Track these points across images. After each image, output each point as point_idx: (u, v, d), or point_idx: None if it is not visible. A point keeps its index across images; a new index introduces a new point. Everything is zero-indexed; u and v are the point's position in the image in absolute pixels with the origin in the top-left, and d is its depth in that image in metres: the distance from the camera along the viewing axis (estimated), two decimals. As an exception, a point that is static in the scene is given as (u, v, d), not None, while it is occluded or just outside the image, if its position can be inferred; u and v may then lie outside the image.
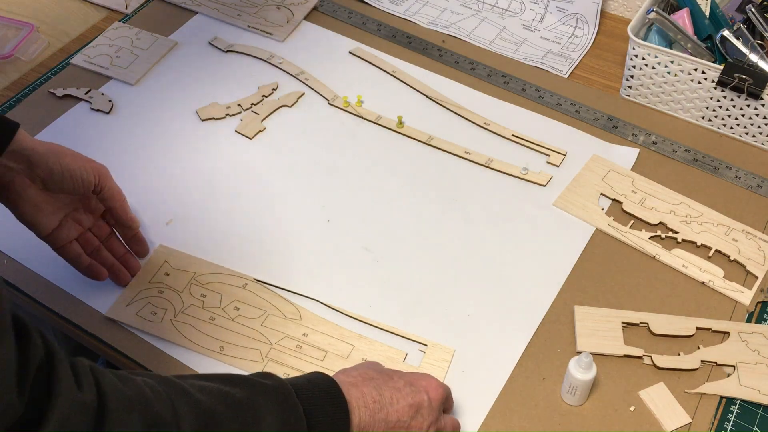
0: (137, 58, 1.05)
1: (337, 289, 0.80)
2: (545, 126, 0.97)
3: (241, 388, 0.56)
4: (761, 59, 0.90)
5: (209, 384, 0.56)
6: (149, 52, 1.06)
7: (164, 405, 0.51)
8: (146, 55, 1.06)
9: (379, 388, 0.63)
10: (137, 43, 1.08)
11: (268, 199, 0.89)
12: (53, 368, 0.46)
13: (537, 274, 0.82)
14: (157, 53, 1.06)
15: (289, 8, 1.13)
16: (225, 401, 0.54)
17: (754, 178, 0.91)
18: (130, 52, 1.06)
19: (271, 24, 1.11)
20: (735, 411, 0.72)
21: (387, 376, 0.65)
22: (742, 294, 0.80)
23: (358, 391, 0.62)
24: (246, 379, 0.58)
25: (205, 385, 0.55)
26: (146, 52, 1.06)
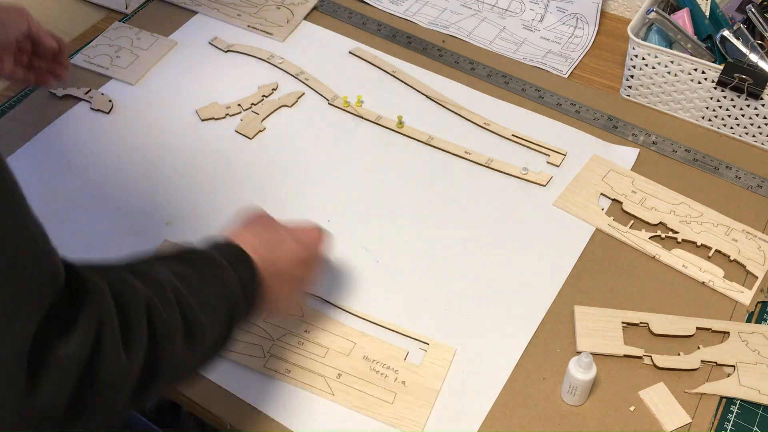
0: (137, 58, 1.05)
1: (337, 288, 0.80)
2: (545, 126, 0.97)
3: (187, 266, 0.57)
4: (761, 59, 0.90)
5: (163, 268, 0.56)
6: (149, 52, 1.06)
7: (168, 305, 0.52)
8: (146, 55, 1.06)
9: (271, 250, 0.64)
10: (137, 43, 1.08)
11: (268, 199, 0.89)
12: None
13: (537, 274, 0.82)
14: (157, 53, 1.06)
15: (289, 8, 1.13)
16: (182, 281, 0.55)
17: (754, 178, 0.91)
18: (130, 52, 1.06)
19: (271, 24, 1.11)
20: (735, 411, 0.72)
21: (274, 232, 0.66)
22: (742, 294, 0.80)
23: (255, 253, 0.63)
24: (180, 256, 0.59)
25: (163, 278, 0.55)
26: (146, 52, 1.06)
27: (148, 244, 0.83)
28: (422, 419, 0.70)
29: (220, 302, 0.57)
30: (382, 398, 0.72)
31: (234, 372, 0.74)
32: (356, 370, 0.74)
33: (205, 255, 0.59)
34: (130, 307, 0.48)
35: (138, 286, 0.50)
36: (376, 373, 0.73)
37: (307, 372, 0.73)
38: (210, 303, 0.56)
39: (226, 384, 0.73)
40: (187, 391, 0.73)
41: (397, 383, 0.73)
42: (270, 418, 0.71)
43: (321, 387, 0.72)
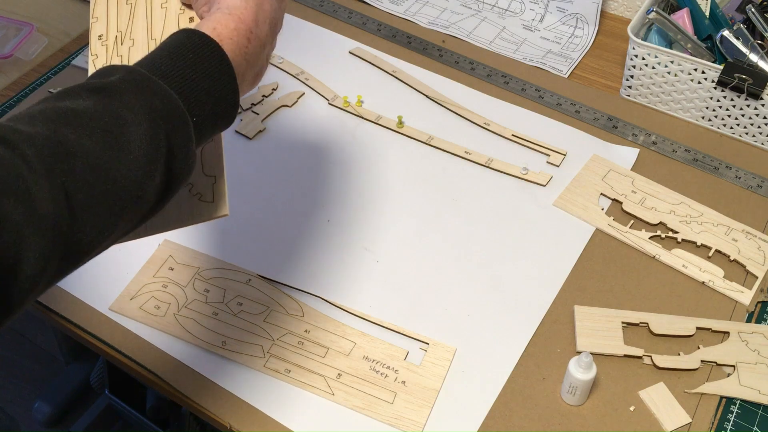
0: (137, 58, 1.05)
1: (338, 288, 0.80)
2: (545, 126, 0.97)
3: (85, 98, 0.48)
4: (761, 59, 0.90)
5: (42, 107, 0.47)
6: (149, 52, 1.06)
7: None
8: (146, 55, 1.06)
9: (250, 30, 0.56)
10: (137, 43, 1.08)
11: (268, 199, 0.89)
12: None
13: (537, 274, 0.82)
14: (157, 53, 1.06)
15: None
16: (70, 121, 0.46)
17: (754, 178, 0.91)
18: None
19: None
20: (735, 411, 0.72)
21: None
22: (742, 294, 0.80)
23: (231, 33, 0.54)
24: (86, 85, 0.49)
25: (35, 111, 0.46)
26: (146, 52, 1.06)
27: (148, 243, 0.83)
28: (422, 419, 0.70)
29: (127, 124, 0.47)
30: (382, 398, 0.72)
31: (234, 372, 0.74)
32: (356, 370, 0.74)
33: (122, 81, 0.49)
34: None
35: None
36: (376, 373, 0.73)
37: (307, 372, 0.74)
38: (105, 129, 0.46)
39: (226, 384, 0.73)
40: (187, 391, 0.73)
41: (397, 383, 0.73)
42: (270, 418, 0.71)
43: (321, 387, 0.73)
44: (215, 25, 0.54)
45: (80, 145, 0.45)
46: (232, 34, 0.54)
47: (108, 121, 0.46)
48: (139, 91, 0.48)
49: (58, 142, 0.44)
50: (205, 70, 0.51)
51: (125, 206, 0.47)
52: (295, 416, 0.71)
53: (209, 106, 0.52)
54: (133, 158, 0.46)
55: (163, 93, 0.49)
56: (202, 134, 0.53)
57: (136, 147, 0.47)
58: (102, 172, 0.45)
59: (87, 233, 0.45)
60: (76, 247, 0.45)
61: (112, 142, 0.46)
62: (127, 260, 0.82)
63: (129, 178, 0.46)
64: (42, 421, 1.33)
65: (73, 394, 1.34)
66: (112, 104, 0.47)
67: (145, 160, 0.47)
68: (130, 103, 0.47)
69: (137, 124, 0.47)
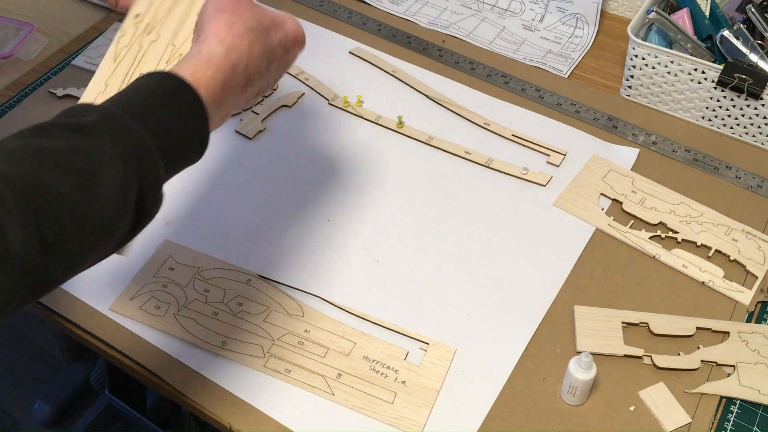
0: (137, 58, 1.05)
1: (337, 288, 0.80)
2: (545, 126, 0.97)
3: (62, 137, 0.48)
4: (761, 59, 0.90)
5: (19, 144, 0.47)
6: (149, 52, 1.06)
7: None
8: (146, 55, 1.06)
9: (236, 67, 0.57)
10: (137, 43, 1.08)
11: (268, 199, 0.89)
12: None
13: (537, 274, 0.82)
14: (157, 53, 1.06)
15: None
16: (46, 161, 0.46)
17: (754, 178, 0.91)
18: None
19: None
20: (735, 411, 0.72)
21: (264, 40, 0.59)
22: (742, 294, 0.80)
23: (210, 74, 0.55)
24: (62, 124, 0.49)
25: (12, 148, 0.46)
26: (146, 52, 1.06)
27: (148, 243, 0.83)
28: (422, 419, 0.70)
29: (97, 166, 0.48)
30: (382, 398, 0.72)
31: (234, 372, 0.74)
32: (356, 370, 0.74)
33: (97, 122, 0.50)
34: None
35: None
36: (376, 373, 0.73)
37: (307, 372, 0.74)
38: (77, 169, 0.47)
39: (226, 384, 0.73)
40: (187, 391, 0.73)
41: (397, 383, 0.73)
42: (270, 418, 0.71)
43: (321, 387, 0.73)
44: (194, 71, 0.55)
45: (55, 186, 0.45)
46: (209, 82, 0.55)
47: (83, 163, 0.47)
48: (115, 135, 0.49)
49: (33, 183, 0.45)
50: (179, 115, 0.53)
51: (95, 245, 0.48)
52: (295, 416, 0.71)
53: (180, 149, 0.54)
54: (105, 201, 0.48)
55: (137, 138, 0.50)
56: (170, 173, 0.55)
57: (108, 190, 0.48)
58: (75, 214, 0.46)
59: (56, 270, 0.46)
60: (45, 283, 0.46)
61: (86, 185, 0.47)
62: (127, 260, 0.82)
63: (100, 220, 0.48)
64: (42, 421, 1.33)
65: (73, 394, 1.34)
66: (88, 146, 0.48)
67: (117, 203, 0.48)
68: (106, 146, 0.48)
69: (111, 168, 0.48)
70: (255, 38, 0.59)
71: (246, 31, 0.58)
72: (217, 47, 0.56)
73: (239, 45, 0.57)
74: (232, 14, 0.58)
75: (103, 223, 0.48)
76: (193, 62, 0.55)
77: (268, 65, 0.61)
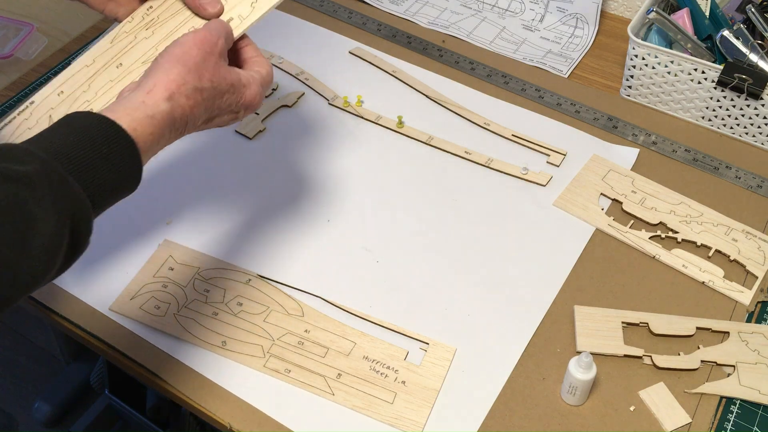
0: (137, 58, 1.05)
1: (337, 288, 0.80)
2: (545, 126, 0.97)
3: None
4: (761, 59, 0.90)
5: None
6: (149, 52, 1.06)
7: None
8: (146, 55, 1.06)
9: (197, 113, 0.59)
10: (137, 43, 1.08)
11: (268, 199, 0.89)
12: None
13: (537, 274, 0.82)
14: (157, 53, 1.06)
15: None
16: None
17: (754, 178, 0.91)
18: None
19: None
20: (735, 411, 0.72)
21: (213, 101, 0.61)
22: (742, 294, 0.80)
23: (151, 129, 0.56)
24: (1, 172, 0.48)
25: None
26: (146, 52, 1.06)
27: (148, 244, 0.83)
28: (422, 419, 0.70)
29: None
30: (382, 398, 0.72)
31: (234, 372, 0.74)
32: (356, 370, 0.74)
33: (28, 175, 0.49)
34: None
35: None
36: (376, 373, 0.73)
37: (307, 372, 0.74)
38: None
39: (225, 384, 0.73)
40: (187, 391, 0.73)
41: (397, 383, 0.73)
42: (270, 418, 0.71)
43: (321, 387, 0.73)
44: (136, 126, 0.55)
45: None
46: (147, 138, 0.56)
47: (17, 216, 0.47)
48: (52, 188, 0.49)
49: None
50: (114, 165, 0.53)
51: (20, 296, 0.48)
52: (295, 416, 0.71)
53: (113, 197, 0.55)
54: (35, 255, 0.47)
55: (73, 192, 0.50)
56: (100, 213, 0.55)
57: (39, 244, 0.47)
58: (5, 269, 0.46)
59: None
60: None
61: (18, 239, 0.46)
62: (127, 260, 0.82)
63: (29, 274, 0.47)
64: (42, 421, 1.33)
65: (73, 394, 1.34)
66: (24, 198, 0.47)
67: (46, 257, 0.48)
68: (42, 200, 0.48)
69: (45, 221, 0.48)
70: (201, 100, 0.60)
71: (194, 91, 0.59)
72: (163, 104, 0.57)
73: (184, 104, 0.58)
74: (188, 72, 0.59)
75: (32, 275, 0.48)
76: (137, 116, 0.56)
77: (207, 122, 0.63)
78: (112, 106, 0.56)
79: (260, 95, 0.65)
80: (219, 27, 0.64)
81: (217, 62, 0.62)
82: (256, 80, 0.65)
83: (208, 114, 0.62)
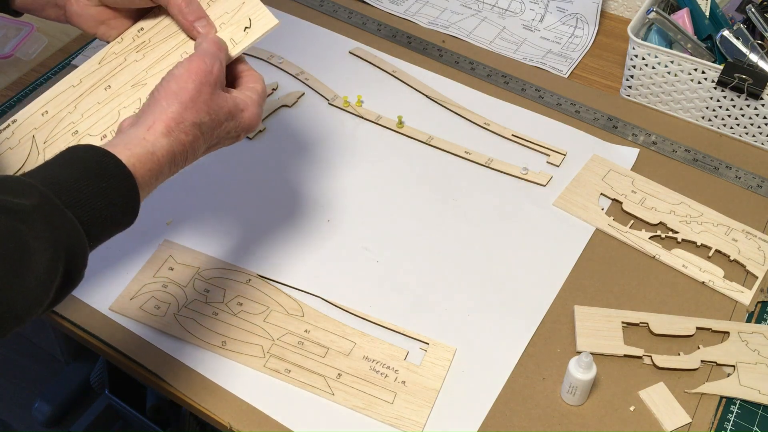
0: (137, 58, 1.05)
1: (337, 288, 0.80)
2: (545, 126, 0.97)
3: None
4: (761, 59, 0.90)
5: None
6: (149, 52, 1.06)
7: None
8: (146, 55, 1.06)
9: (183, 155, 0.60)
10: (137, 43, 1.08)
11: (268, 199, 0.89)
12: None
13: (537, 274, 0.82)
14: (157, 53, 1.06)
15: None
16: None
17: (754, 178, 0.91)
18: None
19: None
20: (735, 411, 0.72)
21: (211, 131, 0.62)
22: (742, 294, 0.80)
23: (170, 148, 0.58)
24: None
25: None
26: (146, 52, 1.06)
27: (148, 244, 0.83)
28: (422, 419, 0.70)
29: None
30: (382, 398, 0.72)
31: (234, 372, 0.74)
32: (356, 370, 0.74)
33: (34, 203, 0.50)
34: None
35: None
36: (376, 373, 0.73)
37: (307, 372, 0.74)
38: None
39: (226, 384, 0.73)
40: (187, 391, 0.73)
41: (397, 383, 0.73)
42: (270, 418, 0.71)
43: (321, 387, 0.73)
44: (135, 162, 0.56)
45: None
46: (145, 174, 0.57)
47: (14, 248, 0.47)
48: (50, 222, 0.49)
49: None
50: (112, 200, 0.54)
51: (13, 326, 0.49)
52: (295, 416, 0.71)
53: (109, 232, 0.56)
54: (30, 287, 0.48)
55: (70, 226, 0.51)
56: (95, 247, 0.55)
57: (34, 277, 0.48)
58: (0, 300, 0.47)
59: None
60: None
61: (14, 271, 0.47)
62: (127, 260, 0.82)
63: (21, 303, 0.48)
64: (42, 421, 1.33)
65: (73, 394, 1.34)
66: (21, 231, 0.48)
67: (41, 289, 0.49)
68: (39, 233, 0.48)
69: (41, 253, 0.48)
70: (200, 134, 0.61)
71: (193, 125, 0.60)
72: (162, 140, 0.58)
73: (184, 139, 0.60)
74: (185, 109, 0.60)
75: (26, 307, 0.48)
76: (137, 151, 0.56)
77: (207, 150, 0.64)
78: (113, 141, 0.57)
79: (258, 115, 0.66)
80: (212, 50, 0.64)
81: (213, 92, 0.62)
82: (254, 101, 0.66)
83: (207, 144, 0.63)
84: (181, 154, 0.60)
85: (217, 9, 0.70)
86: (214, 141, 0.64)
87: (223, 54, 0.65)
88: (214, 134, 0.63)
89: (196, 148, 0.62)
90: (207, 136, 0.62)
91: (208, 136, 0.62)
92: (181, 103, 0.59)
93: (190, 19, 0.68)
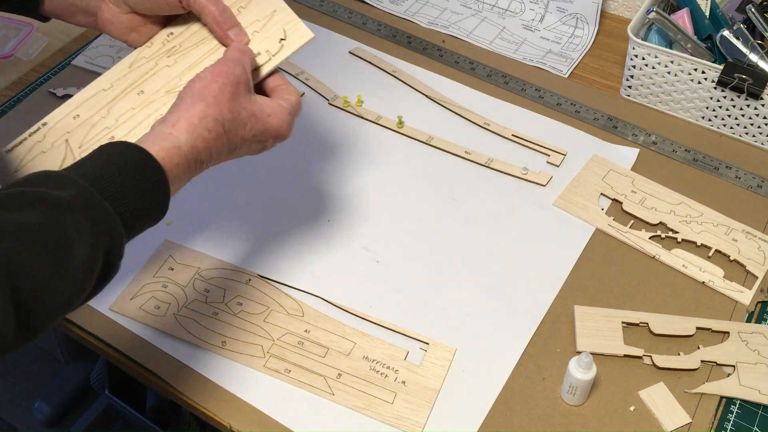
0: (137, 58, 1.05)
1: (337, 288, 0.80)
2: (545, 126, 0.97)
3: (37, 210, 0.49)
4: (761, 59, 0.90)
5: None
6: (149, 52, 1.06)
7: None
8: (146, 55, 1.06)
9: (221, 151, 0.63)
10: (137, 43, 1.07)
11: (268, 199, 0.89)
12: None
13: (537, 273, 0.82)
14: (157, 53, 1.06)
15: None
16: (20, 236, 0.48)
17: (754, 178, 0.91)
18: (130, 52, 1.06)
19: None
20: (735, 411, 0.72)
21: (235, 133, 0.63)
22: (742, 294, 0.80)
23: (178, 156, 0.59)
24: (37, 196, 0.50)
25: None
26: (146, 52, 1.06)
27: (148, 244, 0.83)
28: (422, 419, 0.70)
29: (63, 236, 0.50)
30: (382, 398, 0.72)
31: (234, 372, 0.74)
32: (356, 370, 0.74)
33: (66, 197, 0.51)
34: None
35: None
36: (376, 373, 0.73)
37: (307, 372, 0.74)
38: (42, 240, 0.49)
39: (226, 384, 0.73)
40: (187, 391, 0.73)
41: (397, 383, 0.73)
42: (270, 418, 0.71)
43: (321, 387, 0.73)
44: (164, 155, 0.58)
45: (29, 262, 0.47)
46: (174, 168, 0.59)
47: (56, 240, 0.49)
48: (88, 213, 0.51)
49: (9, 259, 0.46)
50: (146, 192, 0.56)
51: (58, 315, 0.51)
52: (295, 416, 0.71)
53: (143, 223, 0.57)
54: (72, 276, 0.50)
55: (108, 216, 0.53)
56: (130, 239, 0.57)
57: (76, 266, 0.50)
58: (44, 289, 0.48)
59: (22, 341, 0.49)
60: (7, 350, 0.48)
61: (57, 261, 0.49)
62: (127, 260, 0.81)
63: (65, 293, 0.50)
64: (42, 421, 1.33)
65: (73, 394, 1.34)
66: (62, 222, 0.50)
67: (82, 278, 0.51)
68: (78, 224, 0.50)
69: (81, 244, 0.50)
70: (223, 132, 0.62)
71: (215, 123, 0.61)
72: (185, 136, 0.60)
73: (207, 136, 0.61)
74: (208, 105, 0.61)
75: (67, 296, 0.50)
76: (164, 146, 0.58)
77: (231, 152, 0.65)
78: (142, 138, 0.59)
79: (289, 124, 0.67)
80: (236, 56, 0.66)
81: (236, 91, 0.63)
82: (284, 108, 0.66)
83: (231, 144, 0.64)
84: (205, 150, 0.61)
85: (249, 16, 0.70)
86: (238, 142, 0.64)
87: (246, 58, 0.66)
88: (237, 134, 0.63)
89: (220, 148, 0.62)
90: (230, 135, 0.63)
91: (232, 135, 0.63)
92: (204, 100, 0.61)
93: (224, 28, 0.69)
